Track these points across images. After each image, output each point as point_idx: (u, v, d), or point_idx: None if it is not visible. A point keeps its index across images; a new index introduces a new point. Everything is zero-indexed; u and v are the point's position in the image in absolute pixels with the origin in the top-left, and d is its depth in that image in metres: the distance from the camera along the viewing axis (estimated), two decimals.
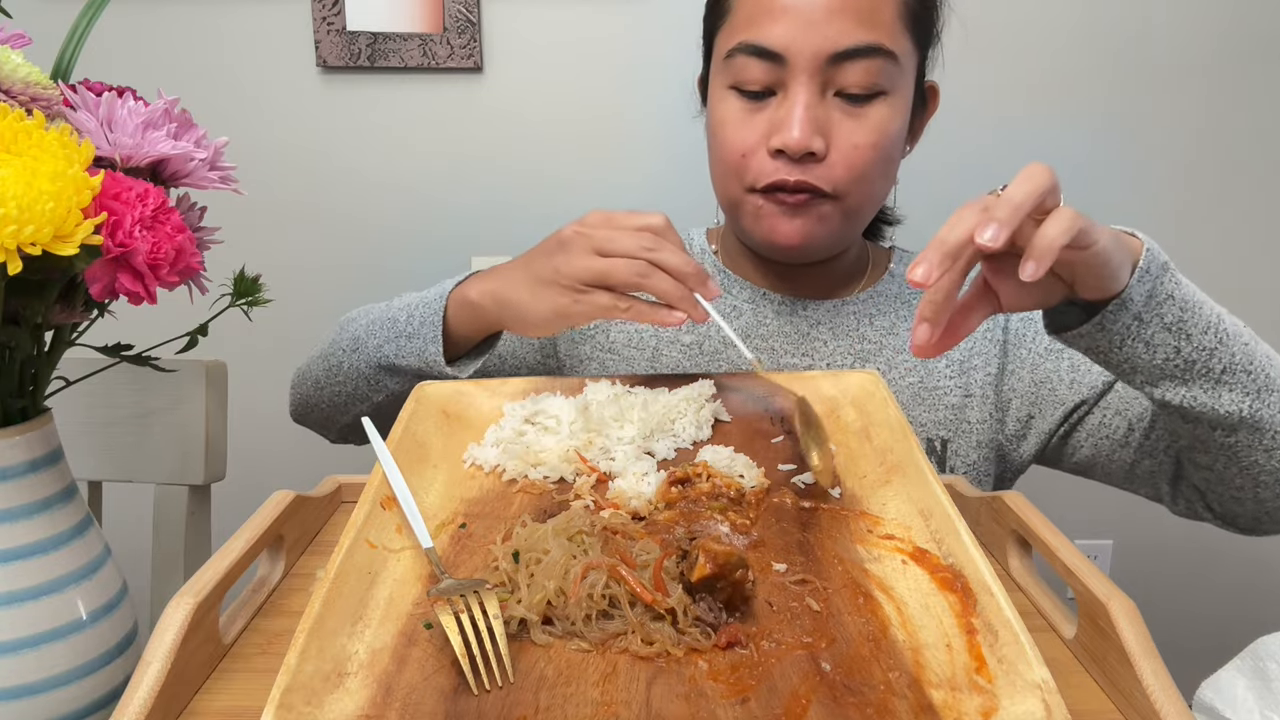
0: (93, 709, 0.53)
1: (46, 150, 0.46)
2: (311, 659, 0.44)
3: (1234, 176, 1.58)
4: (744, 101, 0.83)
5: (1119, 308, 0.64)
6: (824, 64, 0.79)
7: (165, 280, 0.50)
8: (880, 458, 0.65)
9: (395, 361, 0.85)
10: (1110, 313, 0.64)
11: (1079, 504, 1.62)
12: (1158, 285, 0.65)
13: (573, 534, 0.54)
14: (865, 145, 0.81)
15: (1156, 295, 0.65)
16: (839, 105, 0.81)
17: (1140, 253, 0.65)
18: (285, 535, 0.60)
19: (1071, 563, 0.53)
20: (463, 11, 1.46)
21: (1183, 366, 0.68)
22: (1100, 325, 0.65)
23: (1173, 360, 0.67)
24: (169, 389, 1.01)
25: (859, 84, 0.80)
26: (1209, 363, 0.68)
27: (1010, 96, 1.53)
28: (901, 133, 0.85)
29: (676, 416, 0.71)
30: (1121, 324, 0.65)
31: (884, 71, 0.80)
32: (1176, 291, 0.66)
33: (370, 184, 1.54)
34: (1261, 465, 0.74)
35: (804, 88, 0.80)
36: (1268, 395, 0.70)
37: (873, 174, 0.83)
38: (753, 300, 0.94)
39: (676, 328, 0.79)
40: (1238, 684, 0.64)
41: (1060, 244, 0.55)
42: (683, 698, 0.44)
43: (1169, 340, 0.67)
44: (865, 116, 0.81)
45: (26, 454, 0.52)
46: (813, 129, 0.80)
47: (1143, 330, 0.66)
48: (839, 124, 0.81)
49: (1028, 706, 0.42)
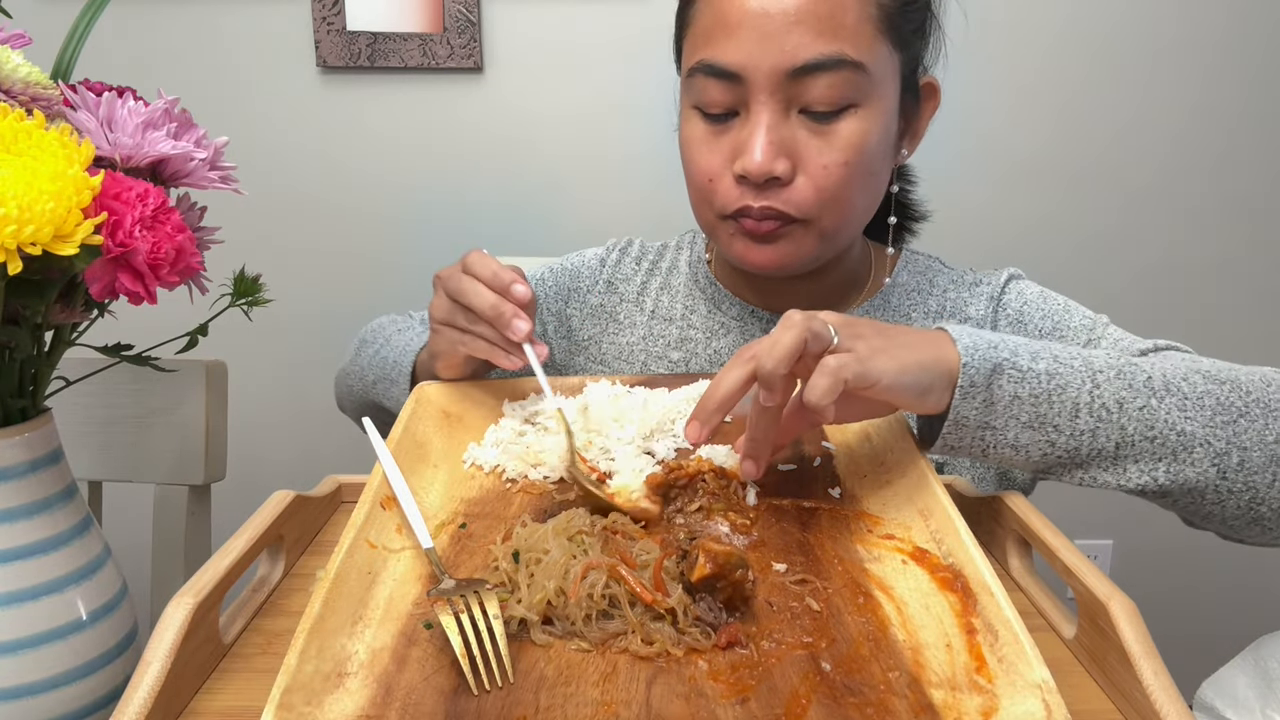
0: (93, 709, 0.53)
1: (46, 150, 0.46)
2: (311, 659, 0.44)
3: (1234, 176, 1.58)
4: (707, 123, 0.79)
5: (955, 426, 0.59)
6: (784, 81, 0.74)
7: (165, 280, 0.50)
8: (880, 458, 0.65)
9: (385, 404, 0.87)
10: (949, 432, 0.60)
11: (1079, 504, 1.62)
12: (994, 393, 0.59)
13: (573, 534, 0.54)
14: (835, 165, 0.75)
15: (996, 402, 0.59)
16: (805, 123, 0.75)
17: (956, 369, 0.59)
18: (285, 535, 0.60)
19: (1071, 563, 0.53)
20: (463, 11, 1.46)
21: (1066, 457, 0.60)
22: (945, 445, 0.61)
23: (1051, 454, 0.60)
24: (169, 389, 1.01)
25: (824, 100, 0.74)
26: (1095, 444, 0.60)
27: (1011, 90, 1.53)
28: (882, 143, 0.78)
29: (676, 416, 0.71)
30: (972, 438, 0.60)
31: (851, 84, 0.74)
32: (1021, 390, 0.59)
33: (370, 184, 1.54)
34: (1220, 515, 0.63)
35: (765, 107, 0.75)
36: (1186, 454, 0.60)
37: (846, 193, 0.77)
38: (740, 318, 0.90)
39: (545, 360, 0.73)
40: (1239, 682, 0.64)
41: (825, 405, 0.55)
42: (683, 698, 0.44)
43: (1037, 437, 0.60)
44: (834, 134, 0.75)
45: (26, 454, 0.52)
46: (775, 151, 0.75)
47: (998, 437, 0.60)
48: (806, 143, 0.75)
49: (1028, 706, 0.42)
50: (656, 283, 0.96)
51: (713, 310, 0.92)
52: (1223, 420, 0.61)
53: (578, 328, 0.97)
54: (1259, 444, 0.61)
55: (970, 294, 0.88)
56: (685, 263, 0.97)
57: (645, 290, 0.96)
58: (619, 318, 0.96)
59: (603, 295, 0.97)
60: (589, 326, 0.97)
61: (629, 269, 0.98)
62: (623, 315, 0.96)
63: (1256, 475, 0.61)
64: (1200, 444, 0.60)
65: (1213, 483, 0.61)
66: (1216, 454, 0.60)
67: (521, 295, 0.69)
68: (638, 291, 0.97)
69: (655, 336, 0.93)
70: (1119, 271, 1.61)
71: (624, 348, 0.94)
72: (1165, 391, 0.61)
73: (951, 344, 0.60)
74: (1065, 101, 1.53)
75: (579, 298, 0.98)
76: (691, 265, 0.96)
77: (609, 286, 0.98)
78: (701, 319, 0.92)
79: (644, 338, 0.94)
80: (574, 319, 0.98)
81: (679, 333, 0.92)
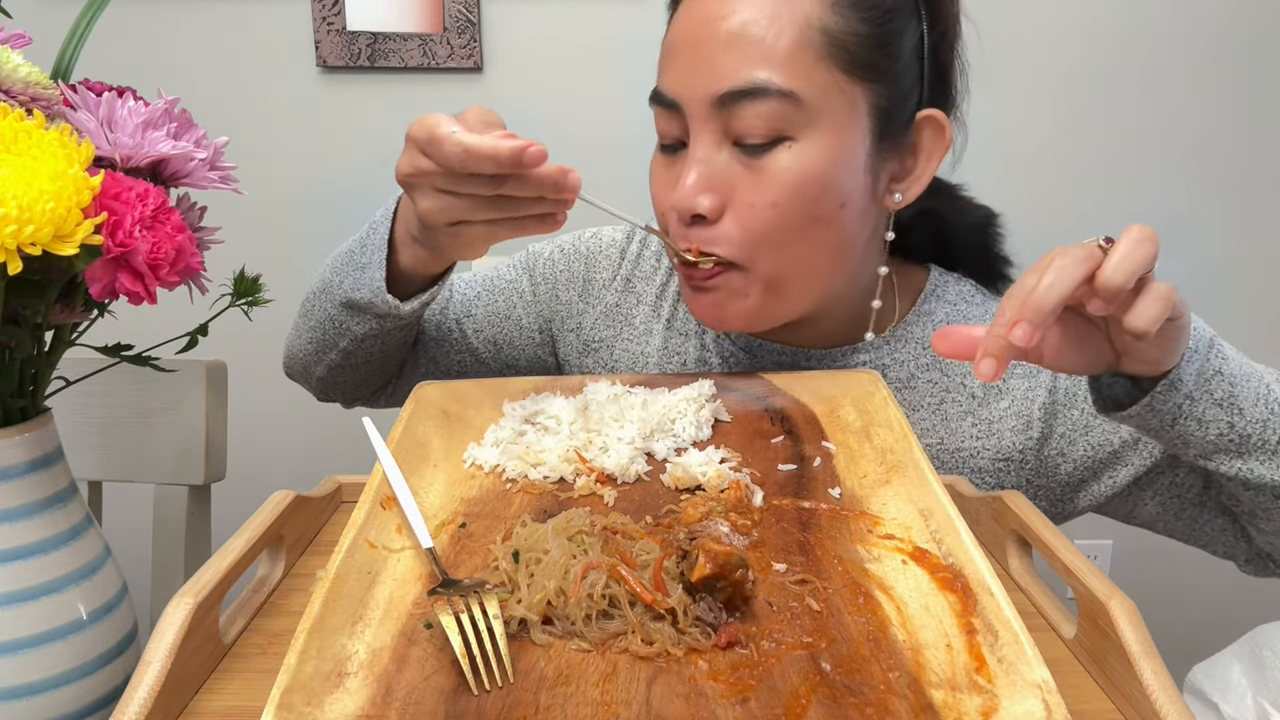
0: (93, 709, 0.53)
1: (46, 150, 0.46)
2: (311, 659, 0.44)
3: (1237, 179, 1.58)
4: (662, 155, 0.77)
5: (1169, 388, 0.62)
6: (713, 109, 0.70)
7: (165, 280, 0.50)
8: (880, 458, 0.65)
9: (352, 296, 0.78)
10: (1160, 393, 0.62)
11: None
12: (1205, 363, 0.63)
13: (573, 534, 0.54)
14: (762, 205, 0.70)
15: (1205, 372, 0.63)
16: (738, 156, 0.71)
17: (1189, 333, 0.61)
18: (285, 535, 0.60)
19: (1071, 563, 0.53)
20: (463, 11, 1.46)
21: (1237, 441, 0.65)
22: (1150, 406, 0.63)
23: (1226, 435, 0.65)
24: (169, 389, 1.01)
25: (752, 131, 0.69)
26: (1264, 434, 0.65)
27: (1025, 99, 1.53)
28: (833, 183, 0.71)
29: (676, 416, 0.71)
30: (1173, 403, 0.62)
31: (781, 115, 0.69)
32: (1224, 367, 0.64)
33: (370, 184, 1.54)
34: None
35: (698, 140, 0.71)
36: None
37: (779, 237, 0.71)
38: (749, 349, 0.85)
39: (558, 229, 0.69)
40: (1233, 668, 0.64)
41: (1154, 330, 0.54)
42: (683, 698, 0.44)
43: (1221, 416, 0.64)
44: (764, 170, 0.70)
45: (26, 454, 0.52)
46: (701, 186, 0.71)
47: (1194, 408, 0.63)
48: (739, 179, 0.71)
49: (1028, 706, 0.42)
50: (674, 288, 0.90)
51: (720, 336, 0.87)
52: None
53: (589, 326, 0.91)
54: None
55: None
56: None
57: (664, 295, 0.90)
58: (635, 322, 0.90)
59: (619, 294, 0.91)
60: (602, 328, 0.91)
61: (649, 266, 0.91)
62: (639, 320, 0.90)
63: None
64: None
65: None
66: None
67: (536, 158, 0.64)
68: (656, 295, 0.90)
69: (671, 352, 0.88)
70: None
71: (638, 357, 0.89)
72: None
73: None
74: (1064, 102, 1.53)
75: (594, 291, 0.92)
76: None
77: (626, 285, 0.91)
78: (713, 339, 0.87)
79: (660, 350, 0.88)
80: (586, 316, 0.91)
81: (696, 352, 0.87)
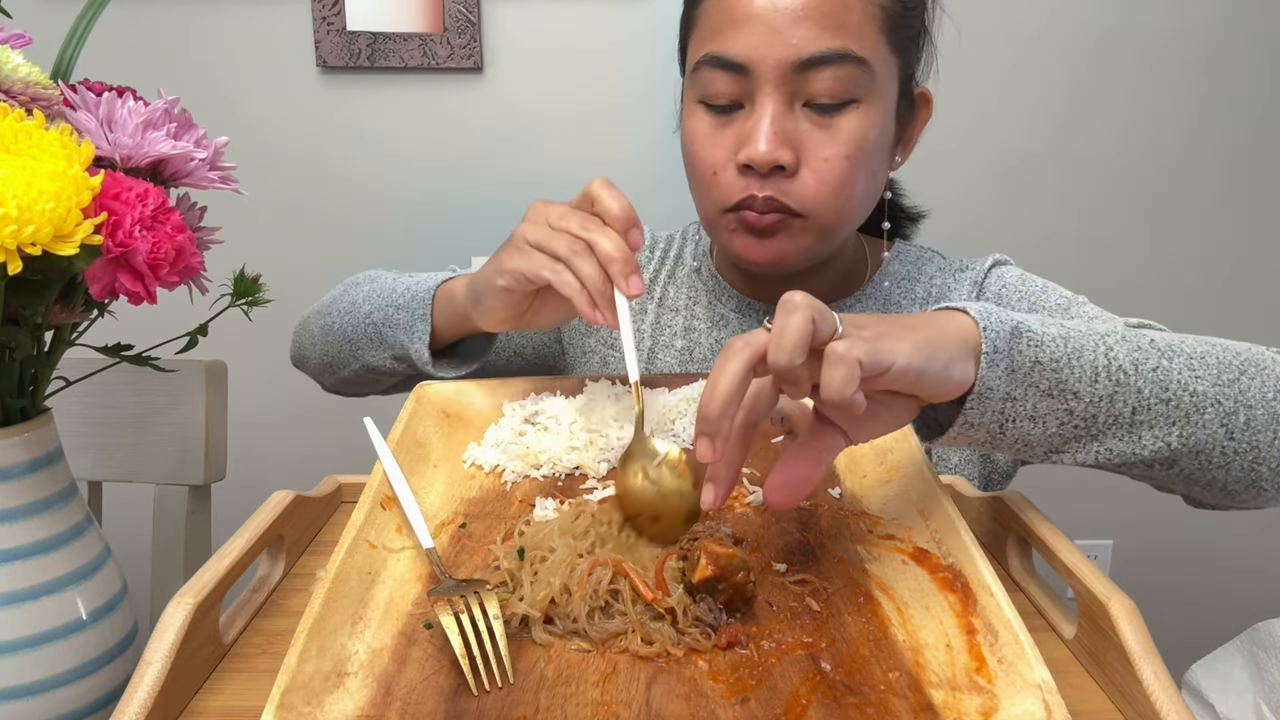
0: (93, 709, 0.53)
1: (46, 150, 0.46)
2: (311, 659, 0.44)
3: (1234, 175, 1.58)
4: (712, 116, 0.80)
5: (979, 399, 0.55)
6: (790, 73, 0.76)
7: (165, 280, 0.50)
8: (880, 458, 0.65)
9: (383, 332, 0.84)
10: (972, 407, 0.55)
11: (1079, 504, 1.62)
12: (1013, 360, 0.56)
13: (578, 532, 0.54)
14: (837, 157, 0.77)
15: (1017, 368, 0.56)
16: (809, 116, 0.77)
17: (976, 335, 0.55)
18: (285, 535, 0.60)
19: (1071, 563, 0.53)
20: (463, 11, 1.46)
21: (1083, 426, 0.58)
22: (967, 422, 0.56)
23: (1069, 424, 0.58)
24: (169, 389, 1.01)
25: (828, 93, 0.76)
26: (1111, 411, 0.58)
27: (1003, 89, 1.53)
28: (880, 143, 0.80)
29: (676, 416, 0.71)
30: (992, 411, 0.56)
31: (854, 79, 0.76)
32: (1040, 354, 0.56)
33: (370, 184, 1.54)
34: (1222, 480, 0.62)
35: (770, 99, 0.77)
36: (1198, 415, 0.59)
37: (847, 188, 0.79)
38: (739, 309, 0.93)
39: (604, 326, 0.68)
40: (1234, 664, 0.64)
41: (848, 395, 0.48)
42: (683, 698, 0.44)
43: (1055, 405, 0.57)
44: (836, 127, 0.77)
45: (26, 454, 0.52)
46: (779, 141, 0.76)
47: (1019, 407, 0.56)
48: (809, 136, 0.77)
49: (1028, 706, 0.42)
50: (665, 272, 0.99)
51: (713, 302, 0.94)
52: (1228, 379, 0.61)
53: None
54: (1261, 401, 0.61)
55: (955, 280, 0.90)
56: (689, 254, 0.99)
57: (655, 279, 0.99)
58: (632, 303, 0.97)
59: None
60: None
61: (643, 256, 1.00)
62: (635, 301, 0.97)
63: (1260, 434, 0.61)
64: (1211, 404, 0.59)
65: (1220, 444, 0.60)
66: (1225, 413, 0.60)
67: (636, 244, 0.66)
68: (649, 279, 0.99)
69: (663, 326, 0.96)
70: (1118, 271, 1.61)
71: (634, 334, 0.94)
72: (1172, 353, 0.60)
73: (961, 315, 0.57)
74: (1065, 101, 1.53)
75: None
76: (695, 257, 0.98)
77: None
78: (704, 309, 0.94)
79: (653, 325, 0.96)
80: None
81: (684, 322, 0.95)
